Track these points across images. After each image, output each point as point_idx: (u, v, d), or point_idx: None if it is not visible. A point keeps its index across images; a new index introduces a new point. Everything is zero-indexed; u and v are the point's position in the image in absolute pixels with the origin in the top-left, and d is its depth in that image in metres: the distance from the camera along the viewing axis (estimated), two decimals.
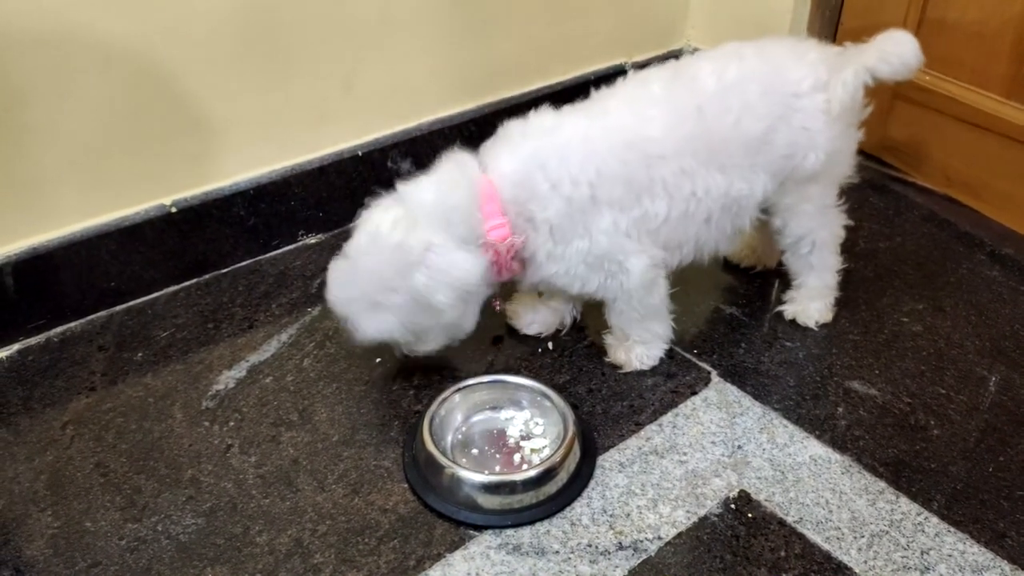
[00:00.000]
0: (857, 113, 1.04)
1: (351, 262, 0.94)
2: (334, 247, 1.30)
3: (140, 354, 1.11)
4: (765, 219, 1.08)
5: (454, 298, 0.92)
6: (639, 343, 1.06)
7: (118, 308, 1.18)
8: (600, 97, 0.99)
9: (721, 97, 0.95)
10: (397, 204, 0.94)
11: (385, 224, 0.92)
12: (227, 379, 1.07)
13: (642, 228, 0.96)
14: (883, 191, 1.44)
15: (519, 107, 1.46)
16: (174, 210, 1.19)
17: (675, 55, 1.63)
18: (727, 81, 0.96)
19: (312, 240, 1.33)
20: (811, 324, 1.14)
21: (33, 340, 1.13)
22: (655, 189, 0.95)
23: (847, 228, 1.13)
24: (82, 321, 1.16)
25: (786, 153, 1.00)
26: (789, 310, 1.16)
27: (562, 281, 0.98)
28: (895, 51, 1.00)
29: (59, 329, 1.14)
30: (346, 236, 1.35)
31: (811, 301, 1.14)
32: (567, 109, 0.98)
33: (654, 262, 0.98)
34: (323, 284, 1.23)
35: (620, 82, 1.00)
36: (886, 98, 1.44)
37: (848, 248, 1.14)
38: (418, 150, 1.39)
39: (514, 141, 0.96)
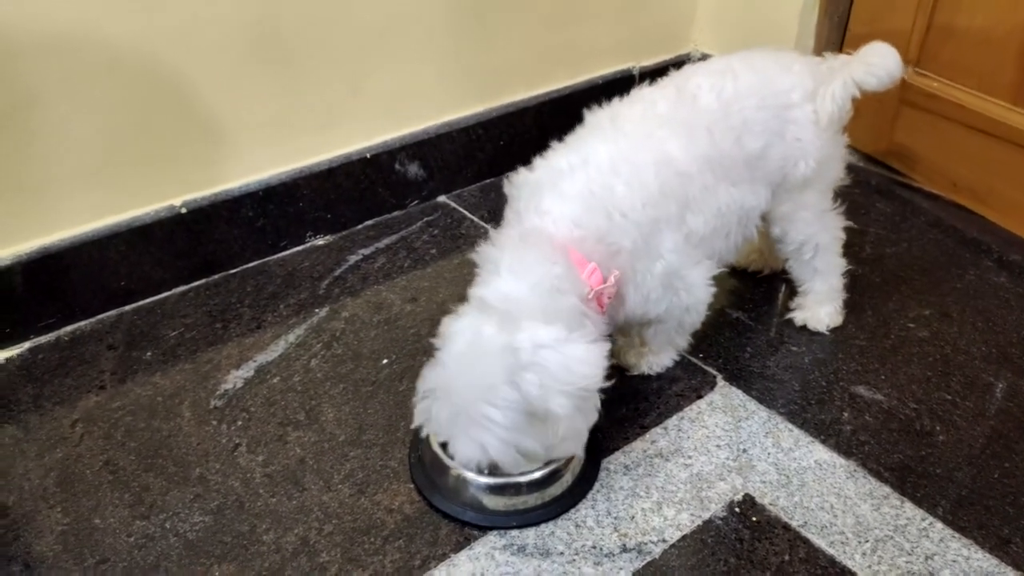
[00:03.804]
0: (843, 121, 1.04)
1: (447, 373, 0.80)
2: (342, 248, 1.32)
3: (149, 353, 1.12)
4: (764, 228, 1.08)
5: (571, 403, 0.78)
6: (654, 352, 1.06)
7: (127, 308, 1.19)
8: (606, 120, 0.95)
9: (724, 116, 0.95)
10: (481, 310, 0.81)
11: (487, 327, 0.78)
12: (235, 379, 1.08)
13: (690, 243, 0.94)
14: (890, 196, 1.44)
15: (526, 111, 1.48)
16: (184, 211, 1.20)
17: (682, 60, 1.64)
18: (726, 99, 0.96)
19: (320, 241, 1.34)
20: (822, 329, 1.14)
21: (43, 339, 1.13)
22: (692, 206, 0.93)
23: (854, 233, 1.13)
24: (92, 320, 1.17)
25: (779, 165, 1.01)
26: (799, 317, 1.16)
27: (641, 310, 0.94)
28: (881, 63, 1.01)
29: (69, 328, 1.15)
30: (353, 237, 1.38)
31: (820, 306, 1.14)
32: (578, 139, 0.94)
33: (711, 272, 0.97)
34: (335, 286, 1.25)
35: (619, 102, 0.97)
36: (893, 103, 1.44)
37: (855, 254, 1.14)
38: (425, 153, 1.39)
39: (556, 183, 0.88)
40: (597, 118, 0.96)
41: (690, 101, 0.96)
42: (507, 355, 0.77)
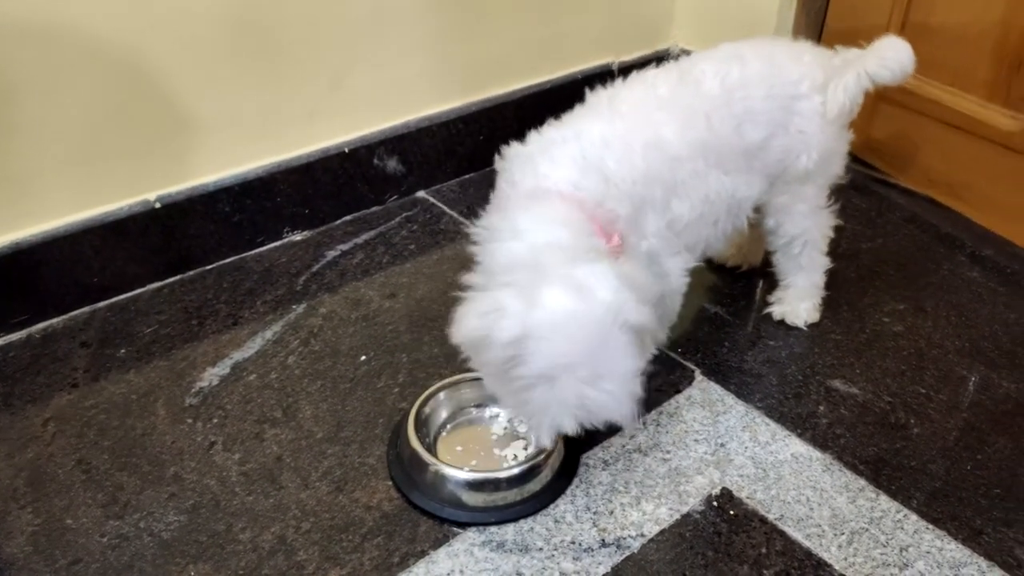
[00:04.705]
0: (851, 115, 1.05)
1: (573, 367, 0.75)
2: (319, 244, 1.31)
3: (123, 351, 1.10)
4: (756, 220, 1.08)
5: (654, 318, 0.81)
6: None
7: (101, 304, 1.17)
8: (604, 100, 0.94)
9: (726, 103, 0.95)
10: (538, 271, 0.77)
11: (561, 296, 0.75)
12: (211, 376, 1.06)
13: (673, 230, 0.94)
14: (866, 192, 1.45)
15: (506, 105, 1.47)
16: (158, 206, 1.18)
17: (662, 55, 1.64)
18: (730, 85, 0.95)
19: (297, 237, 1.33)
20: (800, 324, 1.15)
21: (15, 336, 1.12)
22: (679, 191, 0.93)
23: None
24: (64, 317, 1.15)
25: (780, 157, 1.01)
26: (777, 311, 1.16)
27: None
28: (895, 57, 1.00)
29: (41, 325, 1.13)
30: (331, 233, 1.36)
31: (799, 301, 1.15)
32: (573, 116, 0.93)
33: (687, 265, 0.97)
34: (313, 282, 1.24)
35: (621, 83, 0.97)
36: (869, 100, 1.44)
37: (830, 249, 1.15)
38: (405, 148, 1.39)
39: (547, 150, 0.87)
40: (596, 98, 0.95)
41: (693, 86, 0.95)
42: (611, 312, 0.75)
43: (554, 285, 0.75)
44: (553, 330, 0.74)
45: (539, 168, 0.86)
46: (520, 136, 0.95)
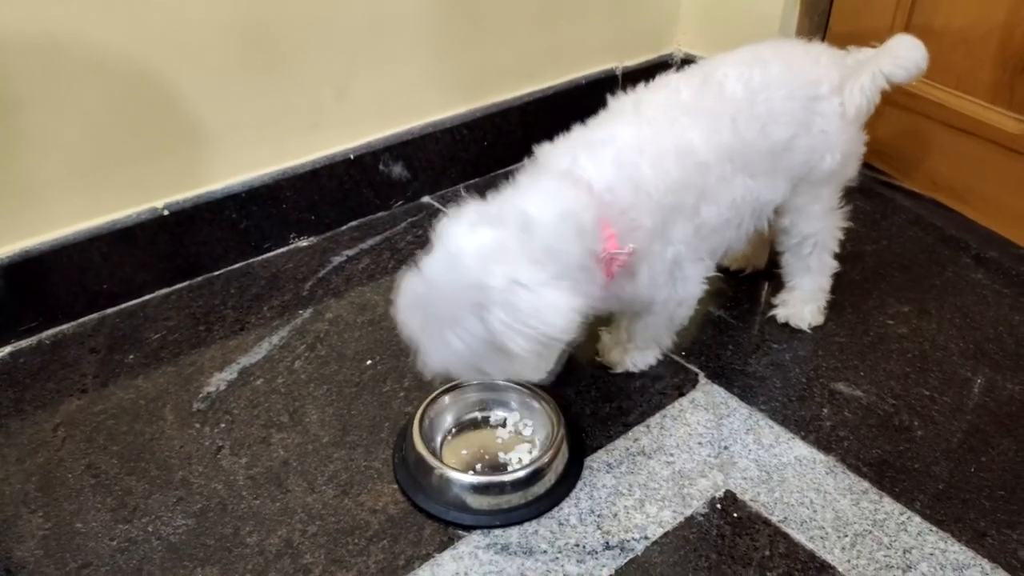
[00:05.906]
0: (867, 115, 1.05)
1: (424, 284, 0.80)
2: (326, 249, 1.32)
3: (131, 356, 1.11)
4: (770, 220, 1.07)
5: (532, 346, 0.78)
6: (638, 348, 1.07)
7: (110, 310, 1.19)
8: (629, 106, 0.95)
9: (749, 106, 0.95)
10: (487, 220, 0.80)
11: (469, 248, 0.78)
12: (218, 381, 1.07)
13: (699, 236, 0.94)
14: (870, 194, 1.45)
15: (510, 111, 1.48)
16: (166, 213, 1.19)
17: (666, 60, 1.65)
18: (753, 88, 0.96)
19: (304, 243, 1.34)
20: (804, 327, 1.15)
21: (24, 342, 1.13)
22: (707, 196, 0.93)
23: None
24: (74, 323, 1.16)
25: (805, 158, 1.01)
26: (782, 313, 1.17)
27: (647, 292, 0.94)
28: (908, 56, 1.01)
29: (51, 331, 1.15)
30: (337, 239, 1.38)
31: (804, 304, 1.15)
32: (601, 121, 0.94)
33: (707, 272, 0.98)
34: (319, 287, 1.25)
35: (644, 88, 0.97)
36: None
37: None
38: (410, 154, 1.40)
39: (590, 147, 0.88)
40: (620, 103, 0.96)
41: (716, 89, 0.95)
42: (479, 290, 0.76)
43: (478, 226, 0.79)
44: (433, 273, 0.79)
45: (579, 159, 0.87)
46: (524, 142, 0.96)
